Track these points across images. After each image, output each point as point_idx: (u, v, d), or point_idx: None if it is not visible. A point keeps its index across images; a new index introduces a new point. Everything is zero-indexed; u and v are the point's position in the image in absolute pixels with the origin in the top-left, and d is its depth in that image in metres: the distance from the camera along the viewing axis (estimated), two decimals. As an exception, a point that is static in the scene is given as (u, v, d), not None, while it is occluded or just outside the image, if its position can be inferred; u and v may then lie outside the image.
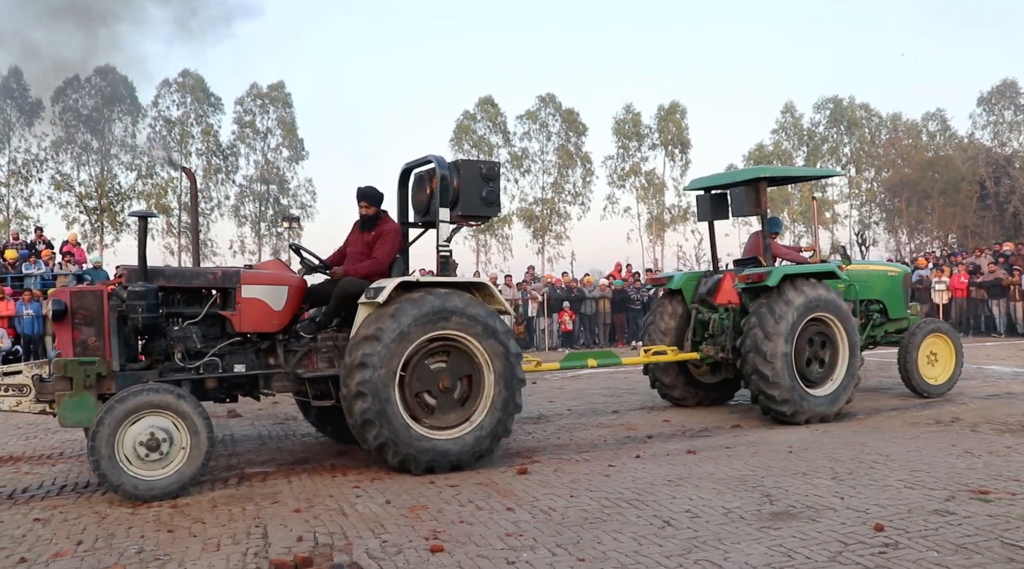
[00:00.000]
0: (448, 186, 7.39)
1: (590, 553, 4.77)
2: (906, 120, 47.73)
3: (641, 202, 46.23)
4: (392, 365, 6.81)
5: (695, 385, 10.58)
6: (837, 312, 9.36)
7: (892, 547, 4.71)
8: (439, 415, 7.14)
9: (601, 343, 21.40)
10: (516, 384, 7.34)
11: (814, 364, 9.31)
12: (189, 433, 6.30)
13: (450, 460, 7.02)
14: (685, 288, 10.47)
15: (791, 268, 9.52)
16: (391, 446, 6.83)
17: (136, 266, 6.81)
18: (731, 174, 10.96)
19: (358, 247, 7.69)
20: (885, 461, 6.99)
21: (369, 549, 4.94)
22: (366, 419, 6.77)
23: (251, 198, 42.99)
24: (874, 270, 11.26)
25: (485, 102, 44.75)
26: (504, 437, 7.40)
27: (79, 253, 20.28)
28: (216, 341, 7.09)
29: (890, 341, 11.05)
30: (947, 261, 24.76)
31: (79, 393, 6.32)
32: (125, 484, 6.11)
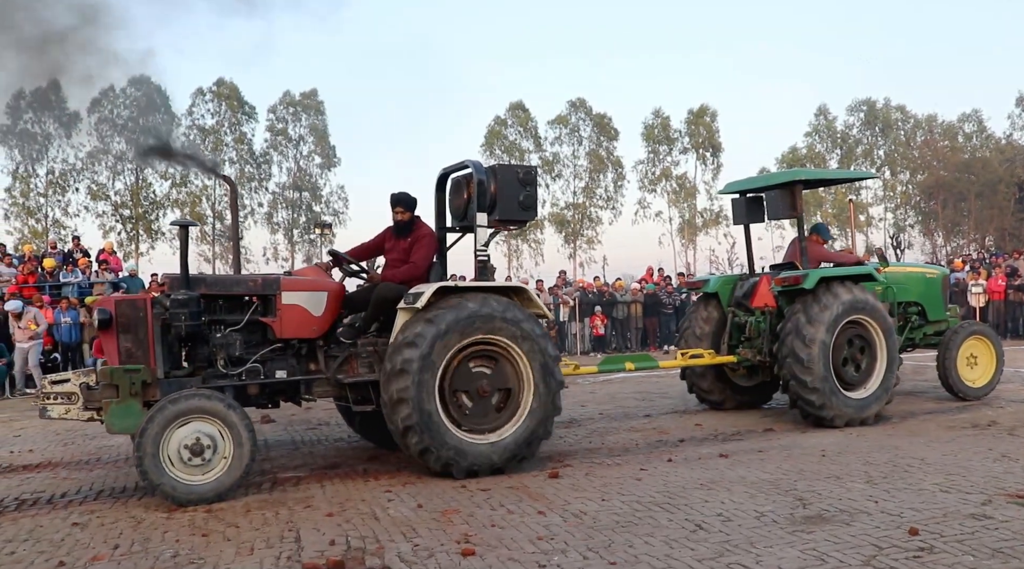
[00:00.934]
0: (485, 191, 7.42)
1: (621, 557, 4.76)
2: (942, 121, 47.10)
3: (672, 206, 46.03)
4: (432, 371, 6.85)
5: (731, 388, 10.56)
6: (875, 315, 9.29)
7: (927, 551, 4.65)
8: (479, 419, 7.18)
9: (633, 347, 21.31)
10: (555, 386, 7.37)
11: (851, 367, 9.24)
12: (233, 443, 6.40)
13: (492, 463, 7.07)
14: (721, 291, 10.46)
15: (828, 271, 9.45)
16: (433, 452, 6.86)
17: (178, 274, 6.92)
18: (766, 177, 10.92)
19: (395, 253, 7.76)
20: (920, 465, 6.90)
21: (401, 553, 4.98)
22: (407, 426, 6.81)
23: (284, 205, 43.43)
24: (912, 272, 11.15)
25: (516, 107, 44.85)
26: (544, 439, 7.44)
27: (115, 261, 20.59)
28: (258, 347, 7.16)
29: (929, 343, 10.94)
30: (984, 264, 24.35)
31: (125, 400, 6.42)
32: (164, 485, 6.21)
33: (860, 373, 9.28)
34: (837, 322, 9.00)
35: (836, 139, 47.65)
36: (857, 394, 9.15)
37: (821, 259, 10.07)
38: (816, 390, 8.82)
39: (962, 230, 46.42)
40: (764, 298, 9.87)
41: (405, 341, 6.86)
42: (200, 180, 41.29)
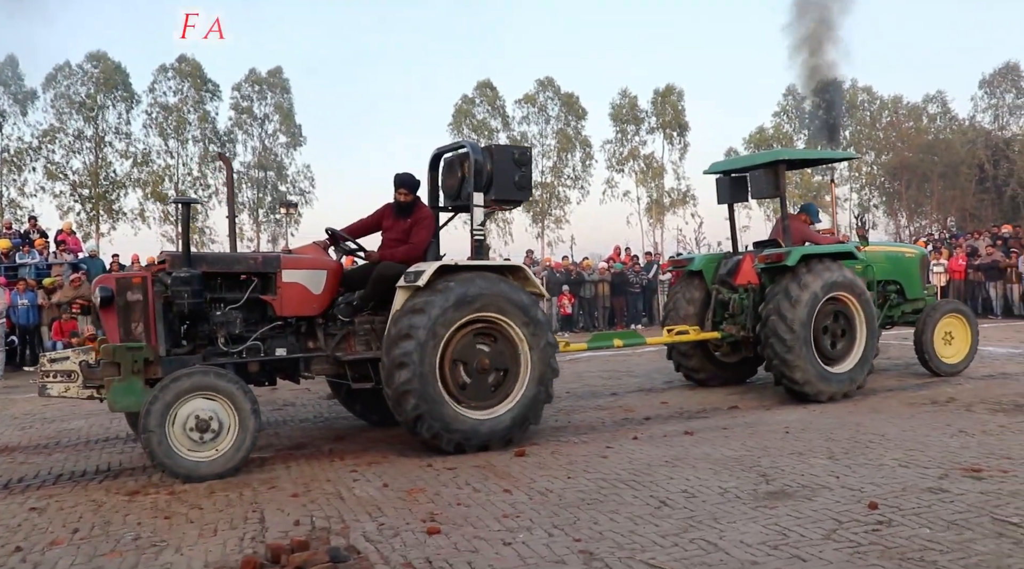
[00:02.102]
0: (482, 170, 7.49)
1: (586, 533, 4.79)
2: (907, 102, 47.63)
3: (640, 186, 46.16)
4: (435, 340, 6.93)
5: (715, 364, 10.75)
6: (855, 292, 9.50)
7: (886, 524, 4.73)
8: (475, 395, 7.26)
9: (600, 326, 21.41)
10: (550, 375, 7.50)
11: (832, 342, 9.46)
12: (238, 415, 6.44)
13: (481, 439, 7.14)
14: (706, 269, 10.64)
15: (810, 249, 9.62)
16: (426, 419, 6.91)
17: (179, 252, 6.92)
18: (750, 157, 11.16)
19: (395, 233, 7.80)
20: (880, 441, 7.01)
21: (366, 532, 4.96)
22: (405, 390, 6.86)
23: (249, 184, 42.90)
24: (892, 251, 11.39)
25: (484, 86, 44.61)
26: (534, 424, 7.55)
27: (74, 242, 20.20)
28: (258, 325, 7.17)
29: (907, 321, 11.19)
30: (945, 244, 24.74)
31: (127, 378, 6.41)
32: (171, 463, 6.25)
33: (840, 348, 9.48)
34: (818, 299, 9.19)
35: (804, 119, 47.98)
36: (837, 369, 9.37)
37: (804, 238, 10.22)
38: (800, 369, 9.02)
39: (925, 210, 47.14)
40: (747, 275, 10.07)
41: (413, 308, 6.92)
42: (163, 159, 40.65)
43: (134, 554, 4.75)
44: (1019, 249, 20.74)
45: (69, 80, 38.80)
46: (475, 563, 4.37)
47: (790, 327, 8.99)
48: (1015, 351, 13.24)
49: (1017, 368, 11.37)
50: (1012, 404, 8.55)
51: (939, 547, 4.33)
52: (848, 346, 9.52)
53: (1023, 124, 44.87)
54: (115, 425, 9.29)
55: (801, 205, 11.19)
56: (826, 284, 9.23)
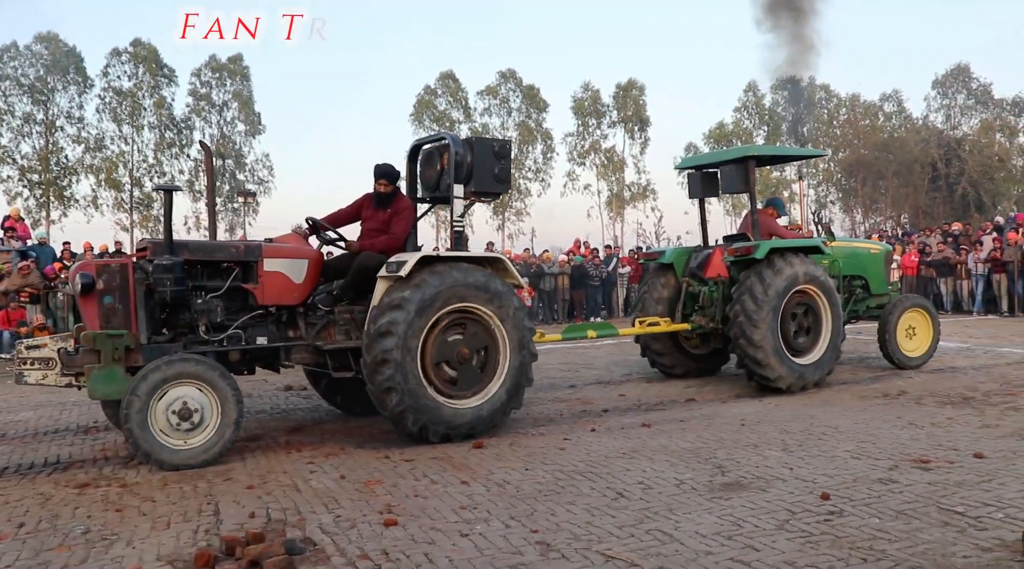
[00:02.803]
0: (462, 162, 7.55)
1: (543, 524, 4.80)
2: (864, 101, 48.38)
3: (601, 179, 46.34)
4: (415, 334, 6.99)
5: (687, 356, 10.91)
6: (822, 285, 9.72)
7: (837, 515, 4.82)
8: (456, 385, 7.34)
9: (560, 319, 21.47)
10: (528, 358, 7.62)
11: (800, 334, 9.67)
12: (219, 401, 6.46)
13: (467, 429, 7.23)
14: (676, 262, 10.81)
15: (778, 242, 9.83)
16: (411, 413, 6.97)
17: (161, 240, 6.88)
18: (720, 153, 11.36)
19: (375, 223, 7.83)
20: (833, 433, 7.13)
21: (323, 524, 4.93)
22: (388, 386, 6.89)
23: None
24: (858, 247, 11.67)
25: (446, 77, 44.41)
26: (516, 408, 7.68)
27: (22, 228, 19.69)
28: (239, 314, 7.17)
29: (871, 315, 11.43)
30: (899, 240, 25.19)
31: (108, 366, 6.39)
32: (153, 451, 6.24)
33: (807, 340, 9.70)
34: (786, 291, 9.40)
35: (764, 116, 48.54)
36: (804, 360, 9.59)
37: (771, 233, 10.46)
38: (769, 366, 9.23)
39: (879, 207, 47.96)
40: (717, 268, 10.23)
41: (391, 303, 6.94)
42: (117, 145, 39.83)
43: (83, 548, 4.66)
44: (969, 246, 21.20)
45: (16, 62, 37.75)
46: (432, 555, 4.36)
47: (758, 319, 9.19)
48: (963, 346, 13.55)
49: (965, 362, 11.64)
50: (959, 397, 8.76)
51: (887, 536, 4.42)
52: (814, 338, 9.76)
53: (974, 124, 45.91)
54: (64, 416, 9.11)
55: (767, 199, 11.40)
56: (793, 277, 9.45)
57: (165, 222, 6.93)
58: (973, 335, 15.28)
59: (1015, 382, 9.62)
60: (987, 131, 44.02)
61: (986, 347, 13.35)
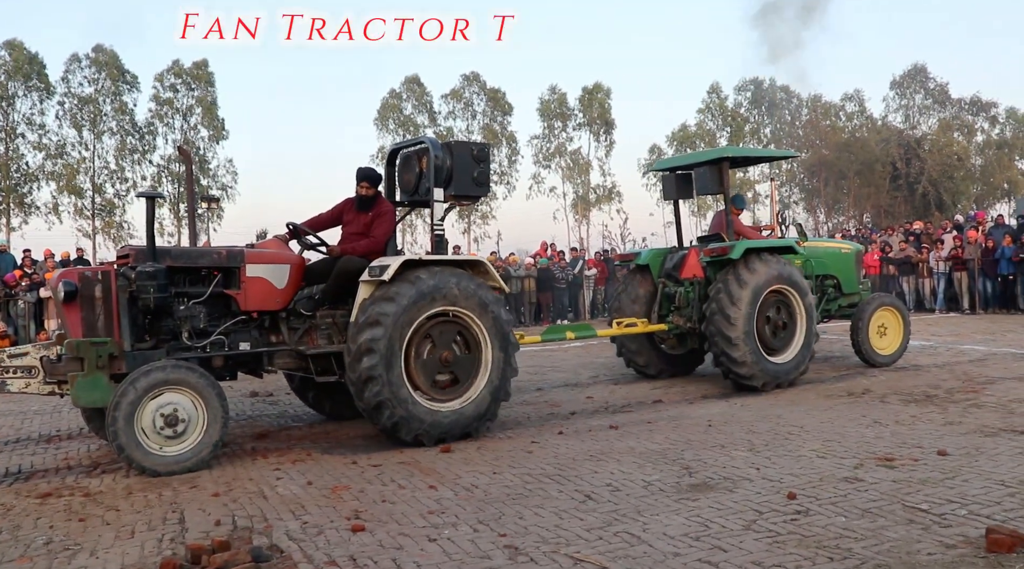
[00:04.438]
0: (442, 166, 7.56)
1: (511, 528, 4.80)
2: (825, 102, 49.02)
3: (567, 182, 46.47)
4: (397, 346, 7.00)
5: (663, 357, 11.00)
6: (796, 285, 9.87)
7: (803, 514, 4.86)
8: (443, 387, 7.41)
9: (527, 322, 21.50)
10: (512, 350, 7.70)
11: (775, 333, 9.80)
12: (205, 407, 6.44)
13: (460, 429, 7.32)
14: (652, 264, 10.90)
15: (754, 242, 9.98)
16: (404, 424, 7.01)
17: (143, 246, 6.86)
18: (695, 155, 11.52)
19: (355, 227, 7.84)
20: (799, 432, 7.21)
21: (289, 531, 4.89)
22: (378, 402, 6.93)
23: (169, 178, 41.70)
24: (829, 247, 11.83)
25: (411, 81, 44.29)
26: (504, 400, 7.74)
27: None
28: (221, 320, 7.16)
29: (844, 314, 11.61)
30: (862, 239, 25.55)
31: (92, 373, 6.34)
32: (139, 457, 6.23)
33: (783, 338, 9.84)
34: (761, 291, 9.53)
35: (727, 117, 49.00)
36: (779, 359, 9.74)
37: (739, 232, 10.64)
38: (745, 364, 9.36)
39: (842, 207, 48.62)
40: (693, 269, 10.31)
41: (368, 320, 6.95)
42: (77, 151, 39.20)
43: (45, 559, 4.57)
44: (930, 245, 21.56)
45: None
46: (400, 560, 4.34)
47: (733, 319, 9.30)
48: (926, 343, 13.77)
49: (928, 360, 11.84)
50: (923, 395, 8.89)
51: (854, 535, 4.47)
52: (788, 337, 9.91)
53: (932, 124, 46.71)
54: (26, 425, 8.94)
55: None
56: (769, 276, 9.59)
57: (148, 229, 6.88)
58: (936, 333, 15.55)
59: (977, 379, 9.80)
60: (945, 130, 44.80)
61: (948, 344, 13.59)
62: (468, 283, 7.41)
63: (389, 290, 7.02)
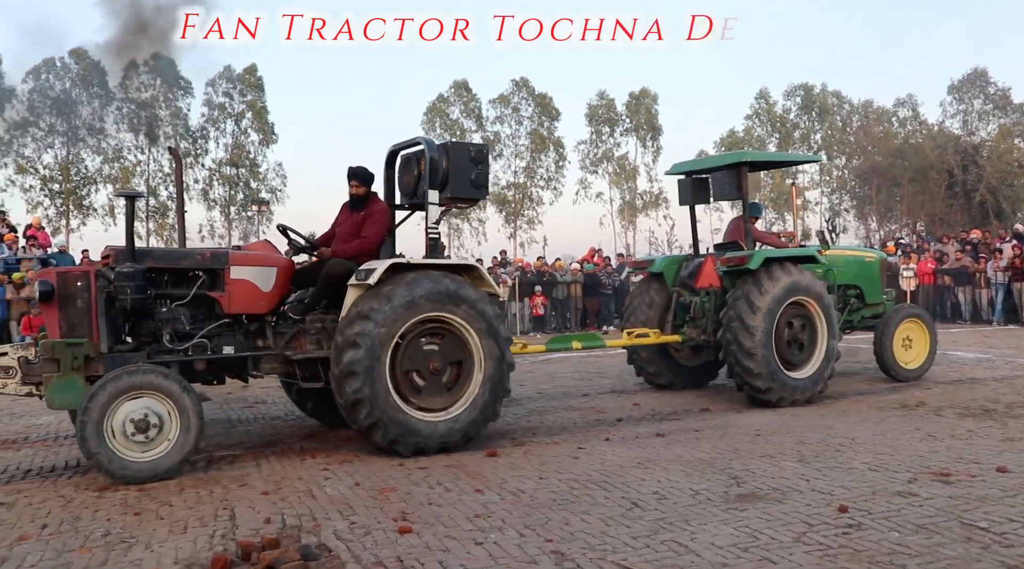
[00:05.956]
0: (437, 168, 7.32)
1: (558, 534, 4.79)
2: (877, 107, 48.16)
3: (613, 187, 46.35)
4: (383, 345, 6.79)
5: (676, 367, 10.64)
6: (817, 296, 9.44)
7: (855, 528, 4.77)
8: (428, 396, 7.14)
9: (572, 327, 21.44)
10: (505, 368, 7.36)
11: (794, 347, 9.41)
12: (178, 412, 6.25)
13: (439, 441, 7.02)
14: (667, 271, 10.52)
15: (772, 252, 9.62)
16: (381, 426, 6.81)
17: (123, 247, 6.72)
18: (713, 158, 10.87)
19: (347, 227, 7.64)
20: (851, 444, 7.08)
21: (337, 530, 4.93)
22: (357, 399, 6.74)
23: (220, 182, 42.52)
24: (851, 255, 11.35)
25: (460, 86, 44.58)
26: (492, 420, 7.42)
27: (43, 237, 19.91)
28: (205, 323, 6.99)
29: (866, 325, 11.17)
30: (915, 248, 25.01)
31: (67, 375, 6.23)
32: (101, 455, 6.04)
33: (803, 353, 9.45)
34: (780, 303, 9.13)
35: (775, 123, 48.44)
36: (798, 374, 9.32)
37: (755, 239, 10.20)
38: (761, 376, 8.97)
39: (894, 215, 47.67)
40: (709, 278, 9.98)
41: (358, 314, 6.78)
42: (133, 154, 40.22)
43: (103, 550, 4.69)
44: (987, 254, 21.05)
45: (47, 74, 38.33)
46: (446, 562, 4.36)
47: (751, 331, 8.95)
48: (983, 356, 13.43)
49: (985, 373, 11.53)
50: (980, 409, 8.67)
51: (908, 551, 4.37)
52: (809, 351, 9.47)
53: (992, 130, 45.55)
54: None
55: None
56: (789, 287, 9.19)
57: (127, 228, 6.72)
58: (993, 345, 15.15)
59: (1036, 393, 9.52)
60: (1006, 137, 43.62)
61: (1007, 357, 13.22)
62: (459, 288, 7.14)
63: (378, 292, 6.81)
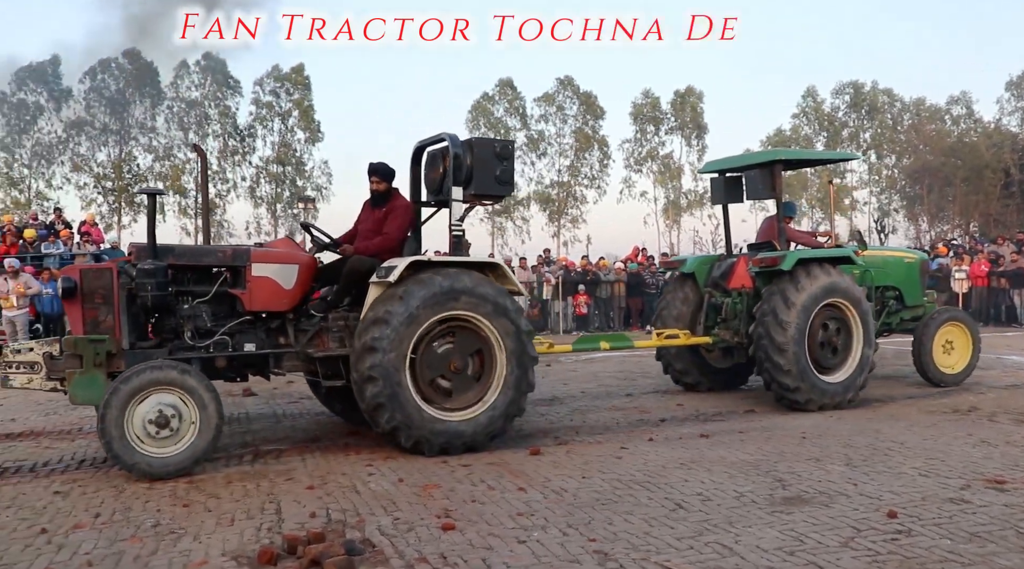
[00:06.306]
0: (461, 165, 7.25)
1: (601, 533, 4.78)
2: (930, 105, 47.11)
3: (658, 186, 46.07)
4: (402, 348, 6.75)
5: (707, 369, 10.48)
6: (852, 298, 9.21)
7: (905, 534, 4.68)
8: (451, 396, 7.11)
9: (616, 327, 21.37)
10: (528, 363, 7.27)
11: (827, 350, 9.18)
12: (197, 408, 6.26)
13: (464, 441, 6.99)
14: (698, 272, 10.35)
15: (806, 252, 9.41)
16: (404, 429, 6.79)
17: (145, 244, 6.77)
18: (746, 156, 10.59)
19: (369, 224, 7.62)
20: (900, 448, 6.95)
21: (381, 526, 4.98)
22: (378, 403, 6.73)
23: (267, 179, 43.14)
24: (890, 256, 11.06)
25: (504, 84, 44.64)
26: (517, 416, 7.36)
27: (96, 233, 20.44)
28: (226, 320, 7.00)
29: (905, 328, 10.86)
30: (967, 250, 24.45)
31: (89, 371, 6.29)
32: (139, 463, 6.11)
33: (836, 357, 9.22)
34: (814, 305, 8.91)
35: (823, 121, 47.69)
36: (832, 378, 9.09)
37: (789, 239, 10.01)
38: (791, 374, 8.76)
39: (947, 215, 46.64)
40: (741, 279, 9.80)
41: (375, 318, 6.75)
42: (183, 153, 41.00)
43: (153, 540, 4.79)
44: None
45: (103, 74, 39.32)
46: (489, 560, 4.37)
47: (784, 334, 8.73)
48: (1037, 360, 13.10)
49: (1039, 378, 11.24)
50: (1034, 414, 8.46)
51: (961, 559, 4.28)
52: (844, 355, 9.22)
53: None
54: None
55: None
56: (823, 288, 8.96)
57: (148, 225, 6.76)
58: (1048, 350, 14.77)
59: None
60: (1068, 135, 42.42)
61: (1062, 362, 12.87)
62: (480, 286, 7.05)
63: (398, 290, 6.77)
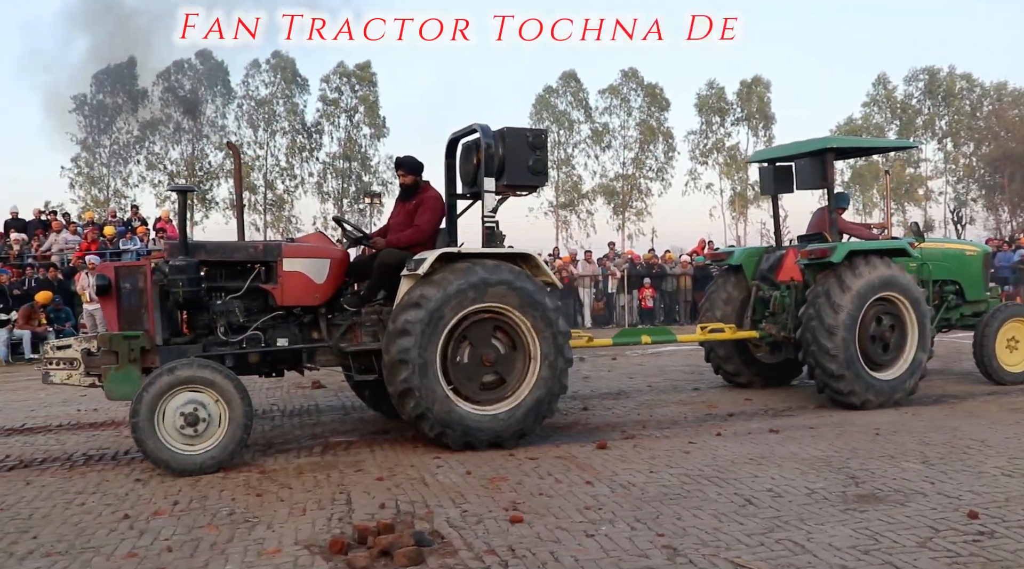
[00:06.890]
0: (493, 155, 7.16)
1: (669, 529, 4.74)
2: (1013, 89, 45.34)
3: (724, 178, 45.41)
4: (435, 334, 6.72)
5: (754, 364, 10.19)
6: (906, 292, 8.87)
7: (988, 536, 4.54)
8: (481, 389, 7.07)
9: (681, 320, 21.12)
10: (562, 364, 7.16)
11: (878, 345, 8.84)
12: (226, 405, 6.31)
13: (489, 436, 6.92)
14: (746, 264, 10.08)
15: (857, 244, 9.10)
16: (429, 417, 6.75)
17: (178, 240, 6.88)
18: (796, 145, 10.17)
19: (399, 217, 7.60)
20: (980, 447, 6.73)
21: (450, 518, 5.03)
22: (406, 388, 6.69)
23: (334, 175, 43.83)
24: (950, 249, 10.59)
25: (568, 76, 44.52)
26: (548, 417, 7.28)
27: (171, 230, 20.99)
28: (259, 315, 7.06)
29: (966, 324, 10.41)
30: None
31: (124, 367, 6.44)
32: (170, 459, 6.18)
33: (887, 354, 8.89)
34: (865, 298, 8.62)
35: (895, 109, 46.38)
36: (884, 375, 8.79)
37: (841, 230, 9.64)
38: (837, 359, 8.47)
39: (1028, 206, 44.96)
40: (790, 272, 9.55)
41: (409, 302, 6.74)
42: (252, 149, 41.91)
43: (229, 528, 4.93)
44: None
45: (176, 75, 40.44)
46: (558, 553, 4.38)
47: (832, 332, 8.46)
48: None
49: None
50: (1123, 412, 8.10)
51: (1046, 561, 4.13)
52: (897, 350, 8.89)
53: None
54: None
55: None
56: (875, 281, 8.65)
57: (180, 222, 6.85)
58: None
59: None
60: None
61: None
62: (514, 278, 6.95)
63: (430, 280, 6.73)
